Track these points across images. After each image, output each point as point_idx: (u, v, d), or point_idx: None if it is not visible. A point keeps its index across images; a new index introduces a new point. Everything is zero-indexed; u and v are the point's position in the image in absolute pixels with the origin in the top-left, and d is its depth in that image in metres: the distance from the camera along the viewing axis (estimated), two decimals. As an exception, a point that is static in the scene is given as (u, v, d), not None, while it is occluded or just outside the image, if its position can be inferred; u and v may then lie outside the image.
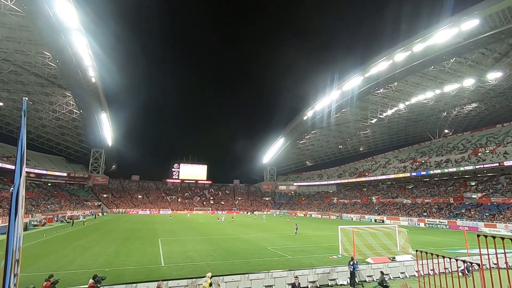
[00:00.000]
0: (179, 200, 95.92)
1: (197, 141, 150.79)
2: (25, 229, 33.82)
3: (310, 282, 13.39)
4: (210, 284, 10.66)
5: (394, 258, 17.45)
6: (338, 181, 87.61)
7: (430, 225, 44.93)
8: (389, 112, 64.63)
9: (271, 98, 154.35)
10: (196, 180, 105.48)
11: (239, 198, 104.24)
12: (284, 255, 20.51)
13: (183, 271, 15.58)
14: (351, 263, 13.52)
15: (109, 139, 79.10)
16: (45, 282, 9.86)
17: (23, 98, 6.04)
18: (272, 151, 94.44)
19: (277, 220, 59.48)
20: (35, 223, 40.03)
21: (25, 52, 40.78)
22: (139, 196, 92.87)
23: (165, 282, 11.55)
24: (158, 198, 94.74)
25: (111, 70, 56.98)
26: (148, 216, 67.97)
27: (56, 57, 42.36)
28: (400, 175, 65.46)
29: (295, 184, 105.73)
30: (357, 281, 13.58)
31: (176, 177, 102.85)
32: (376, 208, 61.92)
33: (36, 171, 68.42)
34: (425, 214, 49.12)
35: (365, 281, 14.12)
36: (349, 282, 13.54)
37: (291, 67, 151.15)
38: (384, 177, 69.62)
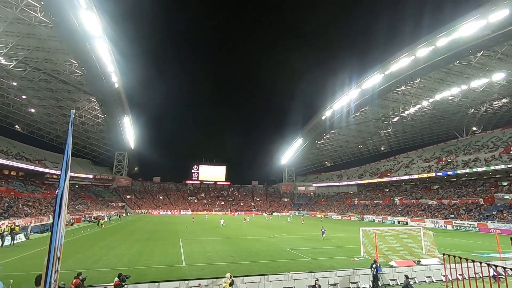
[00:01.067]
0: (198, 201, 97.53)
1: (216, 142, 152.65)
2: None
3: (331, 284, 13.18)
4: (230, 284, 10.76)
5: (420, 261, 16.81)
6: (359, 182, 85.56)
7: (458, 228, 42.85)
8: (412, 110, 62.29)
9: (289, 98, 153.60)
10: (215, 181, 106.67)
11: (258, 199, 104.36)
12: (304, 256, 20.29)
13: (203, 271, 15.82)
14: (374, 265, 13.17)
15: (132, 142, 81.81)
16: (75, 280, 10.42)
17: (71, 110, 6.36)
18: (290, 152, 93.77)
19: (294, 221, 58.83)
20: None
21: (53, 60, 43.05)
22: (160, 197, 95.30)
23: (186, 281, 11.77)
24: (178, 199, 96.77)
25: (131, 75, 59.04)
26: (170, 217, 69.36)
27: (82, 65, 44.39)
28: (425, 175, 62.91)
29: (314, 185, 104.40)
30: (380, 285, 13.20)
31: (196, 178, 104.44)
32: (400, 209, 59.87)
33: (65, 173, 71.81)
34: (452, 216, 46.90)
35: (389, 284, 13.72)
36: (371, 285, 13.19)
37: (309, 66, 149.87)
38: (407, 177, 67.23)
